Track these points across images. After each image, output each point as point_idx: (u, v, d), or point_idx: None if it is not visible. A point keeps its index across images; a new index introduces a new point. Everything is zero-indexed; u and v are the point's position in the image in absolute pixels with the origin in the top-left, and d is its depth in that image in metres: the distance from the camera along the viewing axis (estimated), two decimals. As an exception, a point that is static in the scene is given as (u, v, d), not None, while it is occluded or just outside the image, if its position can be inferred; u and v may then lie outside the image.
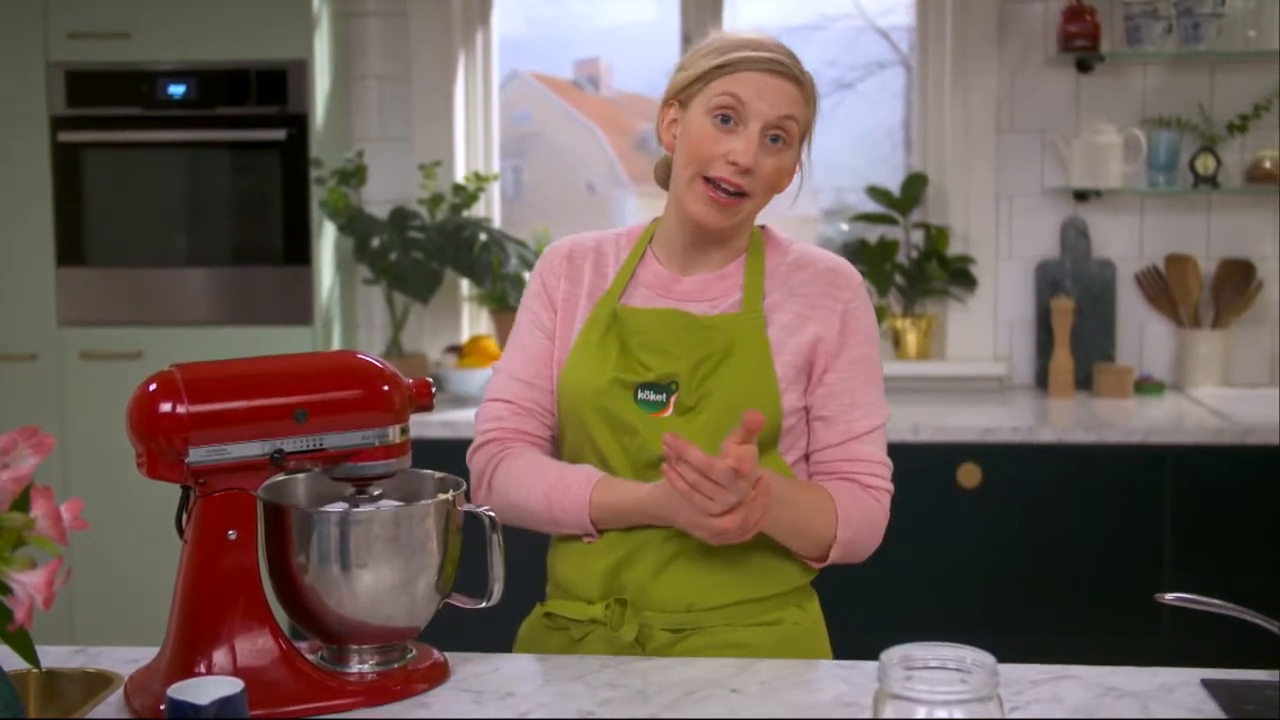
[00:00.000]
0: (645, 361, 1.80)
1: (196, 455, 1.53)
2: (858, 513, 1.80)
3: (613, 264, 1.90)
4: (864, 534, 1.81)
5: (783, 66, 1.79)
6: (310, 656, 1.64)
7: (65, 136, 3.67)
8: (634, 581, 1.79)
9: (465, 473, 1.77)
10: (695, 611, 1.79)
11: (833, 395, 1.83)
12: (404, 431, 1.65)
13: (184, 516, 1.59)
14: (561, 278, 1.90)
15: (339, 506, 1.64)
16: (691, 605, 1.79)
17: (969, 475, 3.33)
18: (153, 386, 1.54)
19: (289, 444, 1.57)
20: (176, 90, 3.66)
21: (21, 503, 1.32)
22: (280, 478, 1.69)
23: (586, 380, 1.82)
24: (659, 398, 1.79)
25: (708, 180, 1.78)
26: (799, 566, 1.83)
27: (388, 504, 1.67)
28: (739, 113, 1.77)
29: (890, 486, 1.86)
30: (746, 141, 1.76)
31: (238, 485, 1.56)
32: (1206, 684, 1.62)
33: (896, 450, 3.27)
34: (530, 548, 1.96)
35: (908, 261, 3.96)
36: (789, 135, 1.79)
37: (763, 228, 1.91)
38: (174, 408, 1.52)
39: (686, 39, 3.98)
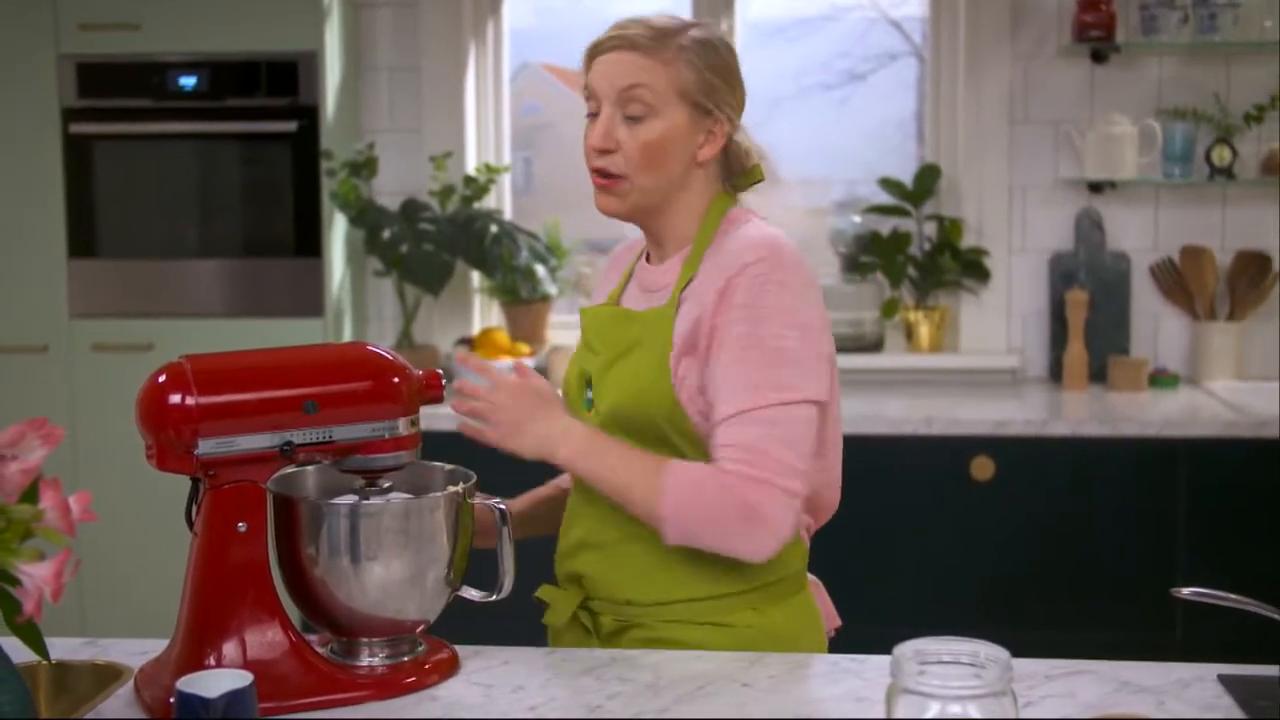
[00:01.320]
0: (582, 360, 1.85)
1: (206, 447, 1.52)
2: (692, 489, 1.65)
3: (633, 260, 1.94)
4: (709, 514, 1.65)
5: (621, 40, 1.74)
6: (320, 649, 1.64)
7: (76, 128, 3.67)
8: (584, 569, 1.81)
9: (476, 465, 1.76)
10: (635, 606, 1.77)
11: (711, 378, 1.71)
12: (414, 423, 1.64)
13: (194, 509, 1.59)
14: (603, 280, 1.99)
15: (349, 499, 1.64)
16: (630, 600, 1.77)
17: (982, 468, 3.31)
18: (162, 378, 1.54)
19: (298, 436, 1.56)
20: (187, 82, 3.66)
21: (30, 494, 1.31)
22: (290, 470, 1.69)
23: (567, 372, 1.90)
24: (591, 395, 1.82)
25: (593, 171, 1.78)
26: (749, 568, 1.75)
27: (397, 496, 1.66)
28: (595, 103, 1.77)
29: (759, 474, 1.63)
30: (598, 122, 1.76)
31: (247, 477, 1.55)
32: (1223, 679, 1.61)
33: (909, 443, 3.31)
34: (541, 542, 1.95)
35: (920, 254, 3.94)
36: (645, 104, 1.73)
37: (730, 208, 1.82)
38: (183, 399, 1.52)
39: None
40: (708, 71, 1.75)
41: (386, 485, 1.67)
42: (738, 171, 1.85)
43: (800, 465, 1.66)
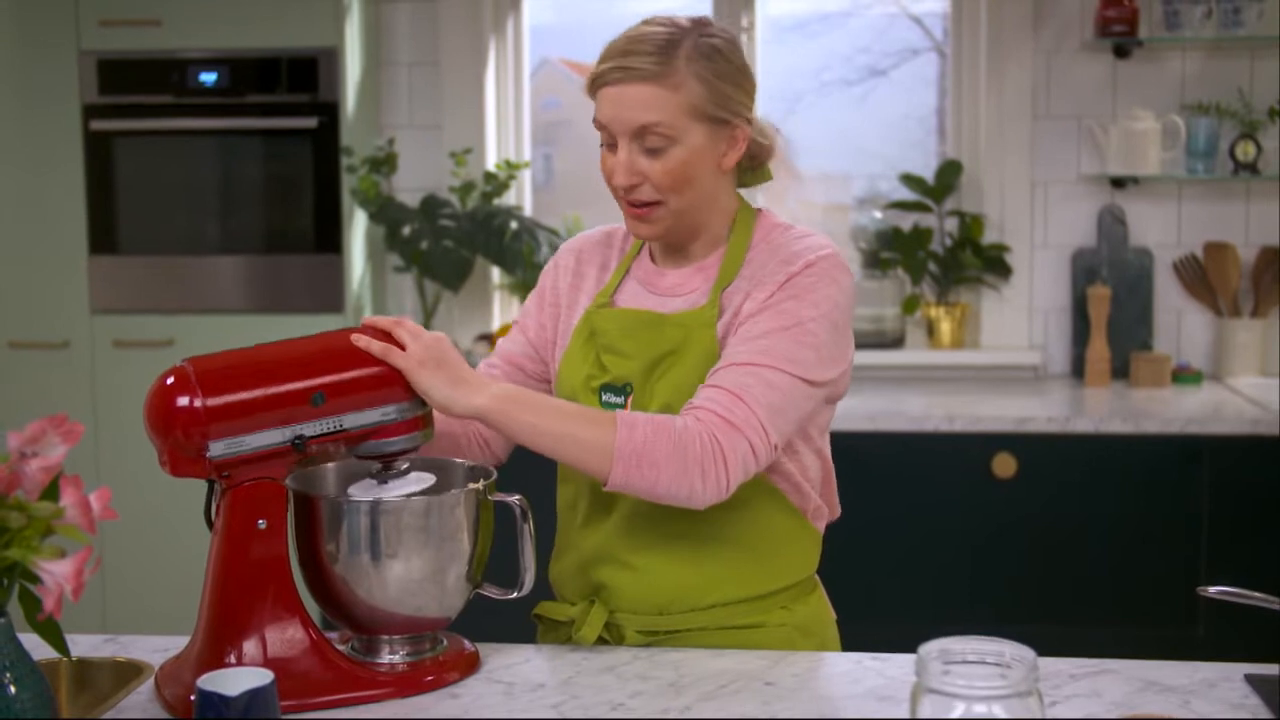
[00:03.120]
0: (606, 364, 1.77)
1: (217, 449, 1.51)
2: (652, 425, 1.60)
3: (616, 257, 1.88)
4: (671, 448, 1.59)
5: (627, 71, 1.68)
6: (340, 647, 1.63)
7: (97, 125, 3.68)
8: (607, 581, 1.76)
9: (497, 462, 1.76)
10: (668, 615, 1.74)
11: (737, 333, 1.70)
12: (423, 404, 1.63)
13: (212, 509, 1.58)
14: (570, 272, 1.89)
15: (369, 495, 1.63)
16: (663, 609, 1.74)
17: (1004, 465, 3.30)
18: (168, 381, 1.52)
19: (309, 429, 1.55)
20: (208, 78, 3.66)
21: (51, 491, 1.31)
22: (310, 467, 1.69)
23: (567, 380, 1.80)
24: (619, 400, 1.75)
25: (623, 199, 1.74)
26: (782, 567, 1.76)
27: (420, 476, 1.65)
28: (609, 133, 1.72)
29: (733, 419, 1.61)
30: (617, 161, 1.71)
31: (263, 474, 1.55)
32: (1249, 679, 1.59)
33: (931, 440, 3.30)
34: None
35: (942, 249, 3.92)
36: (662, 138, 1.68)
37: (759, 212, 1.81)
38: (190, 402, 1.50)
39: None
40: (717, 81, 1.70)
41: (404, 467, 1.66)
42: (748, 168, 1.82)
43: (773, 437, 1.63)
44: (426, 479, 1.66)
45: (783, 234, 1.77)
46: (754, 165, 1.83)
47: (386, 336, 1.63)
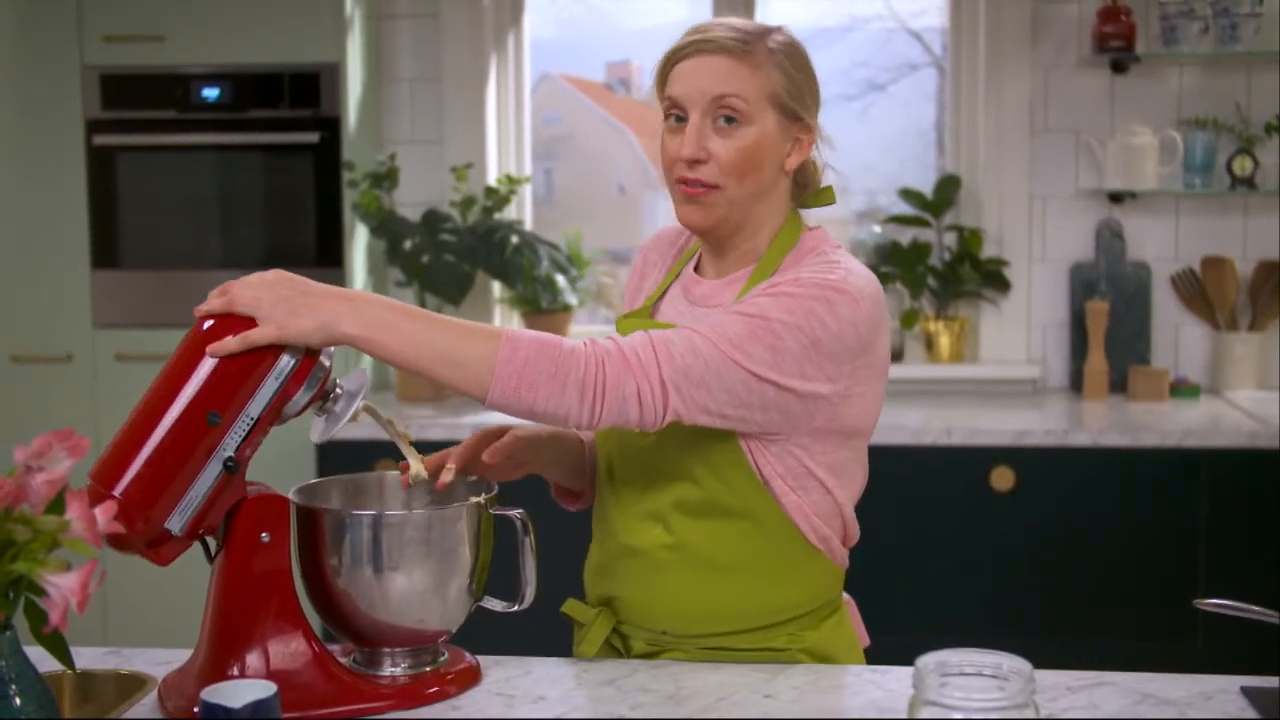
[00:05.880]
0: None
1: (175, 522, 1.51)
2: (539, 343, 1.56)
3: (674, 259, 1.88)
4: (552, 370, 1.55)
5: (713, 44, 1.66)
6: (342, 659, 1.64)
7: (100, 140, 3.69)
8: (615, 594, 1.77)
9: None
10: (672, 635, 1.74)
11: None
12: (300, 349, 1.57)
13: (212, 549, 1.59)
14: (637, 273, 1.92)
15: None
16: (668, 629, 1.74)
17: (1002, 479, 3.31)
18: (95, 511, 1.49)
19: (229, 445, 1.53)
20: (210, 93, 3.68)
21: (56, 505, 1.32)
22: (313, 480, 1.70)
23: None
24: None
25: (679, 181, 1.70)
26: (791, 597, 1.73)
27: (354, 390, 1.64)
28: (683, 108, 1.69)
29: (632, 358, 1.56)
30: (688, 132, 1.67)
31: (234, 501, 1.55)
32: (1246, 691, 1.60)
33: (930, 453, 3.31)
34: (564, 554, 1.95)
35: (940, 264, 3.94)
36: (739, 112, 1.66)
37: (809, 231, 1.79)
38: (117, 509, 1.43)
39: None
40: (797, 75, 1.70)
41: (337, 391, 1.63)
42: (807, 187, 1.80)
43: (674, 399, 1.56)
44: (359, 379, 1.64)
45: (815, 259, 1.71)
46: (802, 186, 1.80)
47: (231, 319, 1.56)
